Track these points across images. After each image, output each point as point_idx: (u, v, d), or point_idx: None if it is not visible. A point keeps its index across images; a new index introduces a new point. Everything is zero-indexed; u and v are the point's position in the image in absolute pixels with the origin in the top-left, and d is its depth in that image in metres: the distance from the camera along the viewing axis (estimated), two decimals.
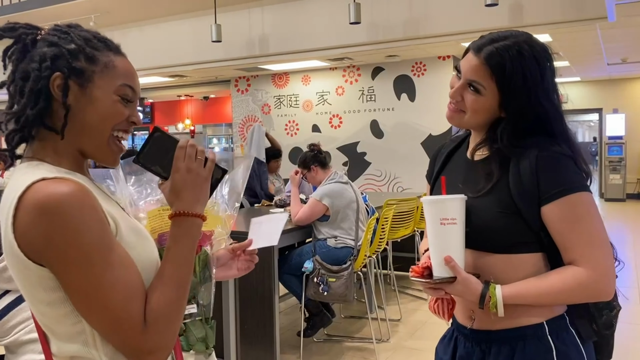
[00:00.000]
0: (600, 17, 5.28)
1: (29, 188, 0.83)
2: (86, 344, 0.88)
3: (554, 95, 1.17)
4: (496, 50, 1.13)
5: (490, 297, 1.10)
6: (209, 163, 0.97)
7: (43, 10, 6.81)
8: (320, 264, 3.49)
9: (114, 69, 0.94)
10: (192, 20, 7.19)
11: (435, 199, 1.15)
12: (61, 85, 0.91)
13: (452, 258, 1.10)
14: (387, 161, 8.31)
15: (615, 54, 8.61)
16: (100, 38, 0.97)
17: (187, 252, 0.92)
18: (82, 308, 0.85)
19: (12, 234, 0.83)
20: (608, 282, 1.09)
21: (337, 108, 8.81)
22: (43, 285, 0.85)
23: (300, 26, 6.75)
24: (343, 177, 3.79)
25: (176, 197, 0.94)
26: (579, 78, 11.49)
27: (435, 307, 1.24)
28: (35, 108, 0.90)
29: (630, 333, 3.99)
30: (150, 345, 0.85)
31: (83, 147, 0.94)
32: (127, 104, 0.95)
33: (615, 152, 11.68)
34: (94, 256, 0.83)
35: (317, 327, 3.75)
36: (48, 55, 0.91)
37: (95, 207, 0.85)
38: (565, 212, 1.09)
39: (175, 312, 0.89)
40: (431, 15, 6.01)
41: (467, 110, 1.18)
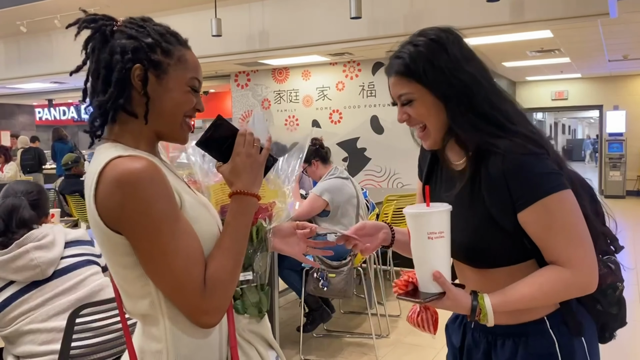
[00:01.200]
0: (602, 13, 5.26)
1: (107, 164, 0.94)
2: (152, 305, 0.99)
3: (467, 65, 1.15)
4: (395, 58, 1.18)
5: (481, 310, 1.10)
6: (264, 151, 1.09)
7: (43, 4, 6.78)
8: (320, 260, 3.48)
9: (186, 62, 1.05)
10: (192, 14, 7.16)
11: (422, 212, 1.10)
12: (141, 75, 1.01)
13: (441, 274, 1.08)
14: (387, 157, 8.31)
15: (617, 51, 8.59)
16: (172, 32, 1.07)
17: (244, 226, 1.04)
18: (150, 271, 0.96)
19: (94, 204, 0.94)
20: (590, 278, 1.11)
21: (337, 103, 8.80)
22: (119, 251, 0.96)
23: (300, 21, 6.73)
24: (343, 173, 3.78)
25: (236, 178, 1.05)
26: (579, 75, 11.47)
27: (419, 320, 1.21)
28: (123, 96, 1.00)
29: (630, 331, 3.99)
30: (207, 307, 0.96)
31: (159, 129, 1.06)
32: (194, 93, 1.07)
33: (615, 149, 11.67)
34: (161, 225, 0.93)
35: (317, 323, 3.74)
36: (129, 48, 1.00)
37: (164, 181, 0.96)
38: (539, 216, 1.09)
39: (230, 279, 1.00)
40: (432, 10, 5.99)
41: (423, 121, 1.18)
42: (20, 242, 1.83)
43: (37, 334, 1.81)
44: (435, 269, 1.08)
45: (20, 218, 1.90)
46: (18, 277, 1.82)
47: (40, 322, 1.81)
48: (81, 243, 2.01)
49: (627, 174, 11.62)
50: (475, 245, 1.16)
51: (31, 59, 8.67)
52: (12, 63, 8.81)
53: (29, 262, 1.81)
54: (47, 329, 1.81)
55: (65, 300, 1.85)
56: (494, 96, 1.16)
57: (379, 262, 4.20)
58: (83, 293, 1.88)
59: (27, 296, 1.82)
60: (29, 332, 1.81)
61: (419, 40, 1.16)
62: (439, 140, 1.19)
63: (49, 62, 8.30)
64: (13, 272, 1.81)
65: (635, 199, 11.52)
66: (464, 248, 1.16)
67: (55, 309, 1.83)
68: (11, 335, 1.83)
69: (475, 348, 1.26)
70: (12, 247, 1.82)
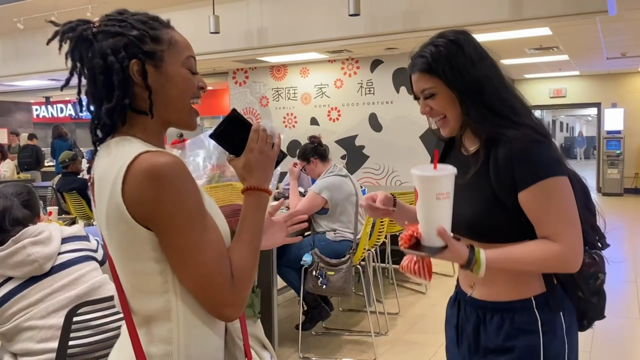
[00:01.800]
0: (601, 10, 5.27)
1: (136, 158, 0.93)
2: (168, 302, 0.97)
3: (480, 63, 1.30)
4: (418, 57, 1.33)
5: (476, 261, 1.20)
6: (276, 147, 1.10)
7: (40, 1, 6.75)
8: (319, 257, 3.48)
9: (177, 43, 1.04)
10: (190, 11, 7.14)
11: (433, 175, 1.18)
12: (139, 70, 0.99)
13: (445, 229, 1.17)
14: (385, 155, 8.30)
15: (615, 48, 8.59)
16: (152, 17, 1.05)
17: (260, 219, 1.06)
18: (180, 266, 0.95)
19: (121, 197, 0.92)
20: (575, 257, 1.23)
21: (336, 101, 8.78)
22: (145, 246, 0.95)
23: (298, 18, 6.71)
24: (342, 170, 3.78)
25: (249, 173, 1.07)
26: (578, 72, 11.48)
27: (416, 268, 1.29)
28: (128, 96, 0.99)
29: (629, 327, 4.00)
30: (234, 298, 0.97)
31: (168, 118, 1.05)
32: (193, 74, 1.06)
33: (613, 146, 11.67)
34: (194, 219, 0.94)
35: (316, 321, 3.74)
36: (119, 46, 0.98)
37: (192, 177, 0.97)
38: (537, 195, 1.22)
39: (252, 271, 1.02)
40: (431, 7, 5.98)
41: (444, 112, 1.33)
42: (17, 239, 1.83)
43: (36, 330, 1.80)
44: (440, 225, 1.17)
45: (13, 217, 1.90)
46: (16, 272, 1.82)
47: (40, 318, 1.81)
48: (78, 239, 2.01)
49: (624, 171, 11.62)
50: (481, 221, 1.29)
51: (28, 56, 8.63)
52: (10, 60, 8.78)
53: (27, 257, 1.81)
54: (46, 326, 1.80)
55: (65, 296, 1.85)
56: (502, 91, 1.31)
57: (378, 260, 4.20)
58: (83, 289, 1.88)
59: (25, 292, 1.82)
60: (28, 329, 1.81)
61: (439, 41, 1.32)
62: (456, 128, 1.34)
63: (46, 59, 8.26)
64: (11, 268, 1.81)
65: (633, 196, 11.53)
66: (470, 224, 1.29)
67: (55, 305, 1.83)
68: (9, 332, 1.83)
69: (467, 322, 1.40)
70: (8, 244, 1.82)
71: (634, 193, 11.69)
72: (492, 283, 1.33)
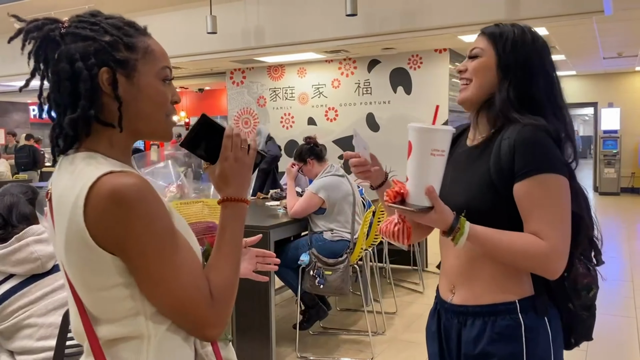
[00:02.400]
0: (597, 10, 5.28)
1: (99, 179, 0.86)
2: (138, 327, 0.91)
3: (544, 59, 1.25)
4: (497, 26, 1.29)
5: (459, 229, 1.14)
6: (252, 151, 1.03)
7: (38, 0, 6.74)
8: (317, 257, 3.49)
9: (153, 53, 0.96)
10: (187, 11, 7.14)
11: (430, 128, 1.13)
12: (110, 79, 0.91)
13: (434, 188, 1.12)
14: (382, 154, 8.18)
15: (611, 48, 8.62)
16: (128, 23, 0.97)
17: (238, 232, 1.00)
18: (153, 290, 0.89)
19: (84, 223, 0.86)
20: (557, 260, 1.15)
21: (333, 101, 8.79)
22: (109, 272, 0.89)
23: (296, 18, 6.72)
24: (339, 170, 3.78)
25: (225, 184, 1.00)
26: (574, 72, 11.51)
27: (395, 230, 1.22)
28: (94, 107, 0.91)
29: (624, 326, 4.01)
30: (215, 318, 0.92)
31: (140, 131, 0.98)
32: (168, 85, 0.98)
33: (610, 146, 11.71)
34: (164, 241, 0.88)
35: (313, 320, 3.75)
36: (89, 51, 0.91)
37: (159, 197, 0.90)
38: (532, 189, 1.15)
39: (233, 287, 0.97)
40: (428, 7, 5.99)
41: (473, 76, 1.27)
42: (20, 237, 1.85)
43: (35, 328, 1.81)
44: (430, 184, 1.11)
45: (20, 213, 1.93)
46: (18, 269, 1.83)
47: (39, 316, 1.82)
48: None
49: (621, 171, 11.66)
50: (473, 206, 1.21)
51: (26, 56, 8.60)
52: (6, 60, 8.76)
53: (29, 254, 1.83)
54: (46, 324, 1.81)
55: (65, 294, 1.85)
56: (555, 92, 1.26)
57: (375, 260, 4.20)
58: None
59: (26, 289, 1.84)
60: (28, 326, 1.82)
61: (520, 27, 1.28)
62: (474, 98, 1.28)
63: None
64: (13, 265, 1.83)
65: (629, 195, 11.57)
66: (461, 208, 1.19)
67: (55, 303, 1.84)
68: (8, 329, 1.83)
69: (451, 329, 1.32)
70: (12, 241, 1.84)
71: (630, 192, 11.72)
72: (474, 284, 1.27)
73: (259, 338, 3.30)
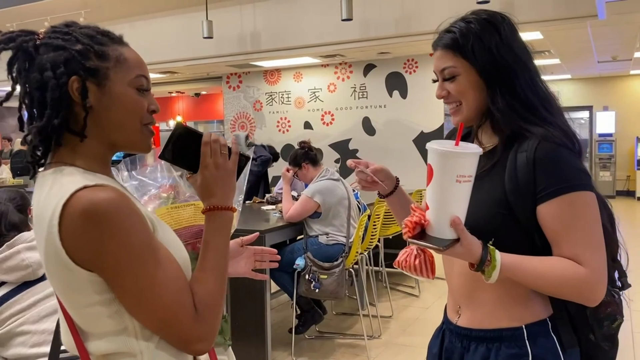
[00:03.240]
0: (591, 15, 5.31)
1: (72, 196, 0.84)
2: (127, 343, 0.90)
3: (516, 48, 1.14)
4: (446, 32, 1.16)
5: (490, 261, 1.02)
6: (233, 155, 1.00)
7: (33, 6, 6.74)
8: (312, 261, 3.49)
9: (126, 61, 0.95)
10: (183, 16, 7.14)
11: (456, 152, 0.99)
12: (79, 88, 0.90)
13: (460, 220, 0.99)
14: (379, 158, 8.26)
15: (606, 52, 8.66)
16: (102, 32, 0.96)
17: (224, 243, 0.97)
18: (135, 307, 0.87)
19: (59, 241, 0.84)
20: (600, 287, 1.04)
21: (329, 105, 8.80)
22: (88, 290, 0.87)
23: (292, 23, 6.73)
24: (334, 174, 3.79)
25: (207, 193, 0.97)
26: (569, 76, 11.55)
27: (416, 263, 1.07)
28: (60, 116, 0.90)
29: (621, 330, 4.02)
30: (201, 333, 0.90)
31: (115, 142, 0.96)
32: (143, 94, 0.96)
33: (605, 149, 11.76)
34: (144, 257, 0.86)
35: (309, 324, 3.75)
36: (59, 60, 0.90)
37: (136, 210, 0.88)
38: (563, 210, 1.03)
39: (219, 300, 0.94)
40: (423, 12, 6.01)
41: (460, 99, 1.15)
42: (11, 244, 1.85)
43: (29, 335, 1.81)
44: (455, 214, 0.99)
45: (9, 222, 1.92)
46: (9, 277, 1.83)
47: (32, 323, 1.82)
48: None
49: (616, 174, 11.71)
50: (483, 227, 1.07)
51: None
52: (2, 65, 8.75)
53: (20, 262, 1.82)
54: (39, 331, 1.81)
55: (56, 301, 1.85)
56: (537, 83, 1.14)
57: (371, 264, 4.21)
58: None
59: (18, 297, 1.83)
60: (21, 334, 1.81)
61: (471, 17, 1.16)
62: (471, 118, 1.17)
63: None
64: (4, 272, 1.82)
65: (625, 198, 11.61)
66: (468, 228, 1.04)
67: (47, 309, 1.84)
68: (1, 337, 1.83)
69: (453, 352, 1.22)
70: (3, 248, 1.84)
71: (626, 195, 11.76)
72: (478, 305, 1.16)
73: (254, 342, 3.30)
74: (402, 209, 1.33)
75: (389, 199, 1.33)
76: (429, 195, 1.02)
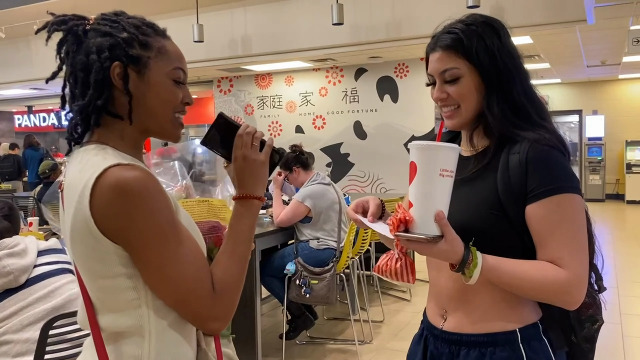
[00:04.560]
0: (580, 19, 5.35)
1: (105, 171, 0.89)
2: (140, 319, 0.93)
3: (514, 53, 1.14)
4: (448, 33, 1.14)
5: (472, 260, 1.01)
6: (266, 147, 1.04)
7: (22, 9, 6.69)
8: (303, 266, 3.47)
9: (167, 53, 1.01)
10: (173, 20, 7.12)
11: (438, 145, 1.00)
12: (121, 73, 0.96)
13: (444, 214, 0.98)
14: (370, 162, 8.32)
15: (595, 56, 8.73)
16: (148, 24, 1.02)
17: (248, 229, 1.02)
18: (157, 283, 0.92)
19: (89, 211, 0.89)
20: (580, 290, 1.05)
21: (321, 109, 8.80)
22: (113, 261, 0.91)
23: (283, 27, 6.73)
24: (325, 179, 3.78)
25: (237, 181, 1.03)
26: (559, 80, 11.64)
27: (398, 267, 1.05)
28: (102, 97, 0.96)
29: (609, 332, 4.03)
30: (217, 312, 0.95)
31: (148, 128, 1.01)
32: (180, 86, 1.02)
33: (594, 153, 11.84)
34: (168, 233, 0.91)
35: (300, 330, 3.73)
36: (105, 46, 0.95)
37: (163, 191, 0.93)
38: (550, 211, 1.04)
39: (238, 283, 0.99)
40: (414, 16, 6.03)
41: (460, 102, 1.13)
42: None
43: (11, 344, 1.77)
44: (439, 209, 0.98)
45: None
46: None
47: (15, 332, 1.78)
48: (54, 251, 1.99)
49: (606, 177, 11.79)
50: (473, 226, 1.08)
51: (10, 65, 8.53)
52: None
53: (2, 269, 1.79)
54: (22, 340, 1.77)
55: (40, 309, 1.82)
56: (531, 89, 1.15)
57: (362, 268, 4.20)
58: (59, 302, 1.85)
59: (0, 305, 1.79)
60: (3, 343, 1.78)
61: (471, 20, 1.14)
62: (468, 121, 1.15)
63: (28, 68, 8.17)
64: None
65: (614, 202, 11.69)
66: (459, 229, 1.03)
67: (30, 318, 1.80)
68: None
69: (440, 358, 1.18)
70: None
71: (615, 199, 11.84)
72: (469, 309, 1.14)
73: (244, 348, 3.27)
74: None
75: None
76: (413, 192, 1.01)
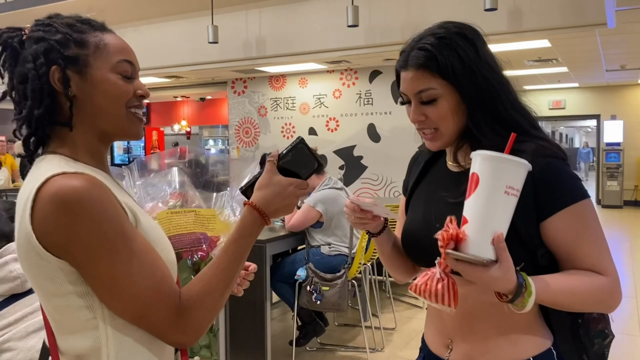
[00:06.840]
0: (600, 23, 5.24)
1: (47, 181, 0.83)
2: (97, 341, 0.87)
3: (493, 64, 1.08)
4: (420, 50, 1.06)
5: (526, 288, 0.92)
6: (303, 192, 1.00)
7: (35, 10, 6.73)
8: (314, 272, 3.42)
9: (106, 47, 0.94)
10: (188, 20, 7.12)
11: (512, 158, 0.89)
12: (60, 77, 0.90)
13: (503, 238, 0.88)
14: (383, 165, 8.26)
15: (614, 61, 8.58)
16: (83, 20, 0.96)
17: (249, 249, 0.96)
18: (110, 298, 0.85)
19: (30, 225, 0.83)
20: (620, 291, 1.02)
21: (334, 111, 8.75)
22: (60, 279, 0.85)
23: (297, 28, 6.69)
24: (337, 183, 3.73)
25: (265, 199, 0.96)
26: (577, 84, 11.47)
27: (439, 288, 0.91)
28: (42, 107, 0.90)
29: (628, 344, 3.93)
30: (184, 325, 0.87)
31: (104, 130, 0.95)
32: (128, 80, 0.95)
33: (612, 158, 11.65)
34: (118, 245, 0.84)
35: (310, 336, 3.68)
36: (39, 52, 0.90)
37: (112, 199, 0.86)
38: (571, 222, 1.00)
39: (217, 302, 0.91)
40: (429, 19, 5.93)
41: (439, 124, 1.07)
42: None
43: (15, 352, 1.74)
44: (499, 230, 0.88)
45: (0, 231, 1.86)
46: None
47: (18, 339, 1.75)
48: None
49: (624, 183, 11.59)
50: None
51: None
52: None
53: (8, 273, 1.76)
54: (25, 348, 1.74)
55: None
56: (518, 100, 1.08)
57: (375, 273, 4.13)
58: None
59: (5, 311, 1.77)
60: (7, 350, 1.75)
61: (442, 31, 1.06)
62: (451, 141, 1.09)
63: None
64: None
65: (632, 208, 11.48)
66: None
67: (34, 325, 1.77)
68: None
69: None
70: None
71: (633, 205, 11.64)
72: (478, 339, 1.07)
73: (254, 354, 3.23)
74: (394, 248, 1.24)
75: (379, 238, 1.22)
76: (471, 207, 0.91)
